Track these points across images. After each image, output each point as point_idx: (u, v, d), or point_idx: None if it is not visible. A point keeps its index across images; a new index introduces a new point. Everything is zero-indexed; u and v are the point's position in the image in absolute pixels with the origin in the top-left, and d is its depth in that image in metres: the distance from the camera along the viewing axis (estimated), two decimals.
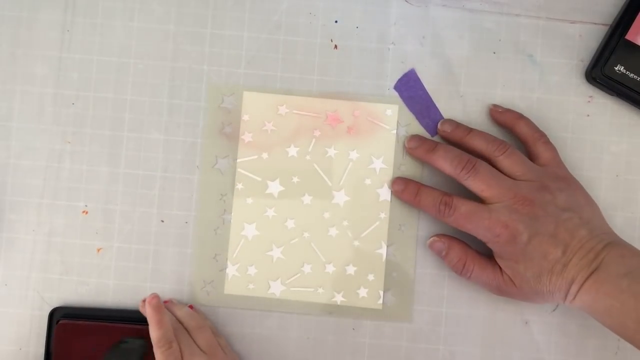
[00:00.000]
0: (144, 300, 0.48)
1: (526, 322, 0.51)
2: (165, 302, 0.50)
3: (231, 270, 0.51)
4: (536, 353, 0.51)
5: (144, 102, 0.52)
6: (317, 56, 0.52)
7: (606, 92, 0.51)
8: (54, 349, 0.50)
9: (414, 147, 0.50)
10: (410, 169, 0.51)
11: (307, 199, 0.51)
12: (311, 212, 0.51)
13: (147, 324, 0.49)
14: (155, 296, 0.47)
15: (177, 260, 0.51)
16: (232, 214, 0.51)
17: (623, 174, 0.51)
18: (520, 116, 0.50)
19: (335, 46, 0.52)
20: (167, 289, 0.51)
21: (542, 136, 0.48)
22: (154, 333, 0.46)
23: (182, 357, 0.45)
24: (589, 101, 0.52)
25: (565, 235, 0.44)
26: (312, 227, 0.51)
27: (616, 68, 0.50)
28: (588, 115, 0.52)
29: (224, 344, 0.49)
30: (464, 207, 0.46)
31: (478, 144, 0.48)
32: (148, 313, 0.47)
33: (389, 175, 0.51)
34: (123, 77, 0.52)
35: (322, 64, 0.52)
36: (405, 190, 0.49)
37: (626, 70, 0.50)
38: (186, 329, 0.48)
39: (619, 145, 0.52)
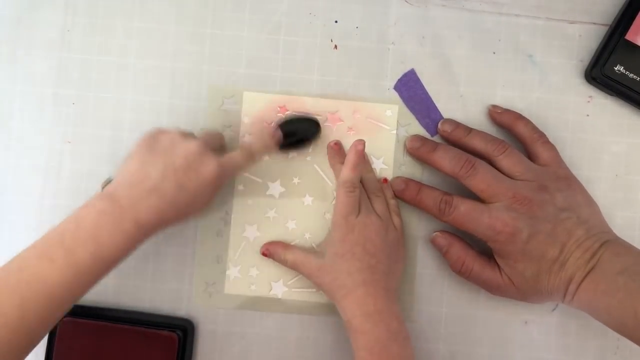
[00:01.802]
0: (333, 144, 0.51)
1: (526, 322, 0.51)
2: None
3: (233, 272, 0.51)
4: (536, 352, 0.51)
5: (144, 102, 0.52)
6: (317, 56, 0.52)
7: (606, 92, 0.51)
8: (56, 347, 0.50)
9: (415, 147, 0.50)
10: (411, 169, 0.51)
11: (308, 199, 0.52)
12: (312, 213, 0.51)
13: (149, 327, 0.49)
14: (363, 142, 0.48)
15: (177, 260, 0.51)
16: (233, 215, 0.51)
17: (623, 174, 0.52)
18: (520, 116, 0.50)
19: (335, 46, 0.52)
20: (167, 289, 0.51)
21: (542, 136, 0.48)
22: (346, 173, 0.47)
23: (359, 209, 0.47)
24: (588, 101, 0.52)
25: (562, 234, 0.44)
26: (313, 228, 0.51)
27: (616, 68, 0.50)
28: (588, 115, 0.52)
29: (396, 210, 0.50)
30: (463, 206, 0.46)
31: (478, 144, 0.48)
32: (349, 154, 0.48)
33: (389, 175, 0.51)
34: (123, 77, 0.52)
35: (322, 64, 0.52)
36: (406, 189, 0.50)
37: (626, 70, 0.50)
38: (366, 192, 0.50)
39: (619, 145, 0.52)
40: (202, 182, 0.43)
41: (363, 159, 0.49)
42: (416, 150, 0.50)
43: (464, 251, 0.48)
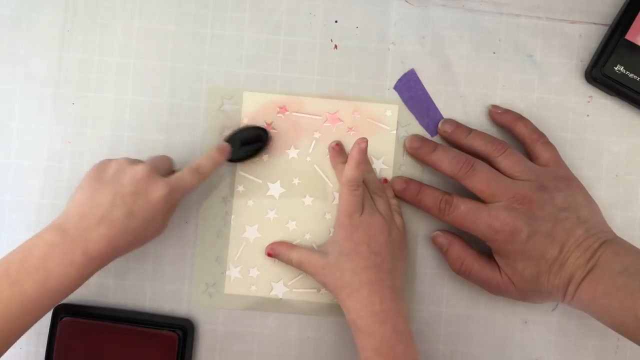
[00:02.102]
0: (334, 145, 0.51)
1: (526, 322, 0.51)
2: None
3: (233, 273, 0.51)
4: (536, 352, 0.51)
5: (144, 102, 0.52)
6: (317, 56, 0.52)
7: (606, 92, 0.51)
8: (56, 347, 0.50)
9: (414, 147, 0.50)
10: (411, 169, 0.51)
11: (308, 200, 0.52)
12: (312, 213, 0.51)
13: (149, 327, 0.50)
14: (366, 140, 0.48)
15: (177, 260, 0.51)
16: (233, 216, 0.51)
17: (623, 174, 0.52)
18: (520, 117, 0.50)
19: (335, 46, 0.52)
20: (167, 289, 0.51)
21: (541, 137, 0.49)
22: (349, 172, 0.47)
23: (362, 208, 0.47)
24: (588, 101, 0.52)
25: (562, 234, 0.44)
26: (313, 228, 0.51)
27: (616, 68, 0.50)
28: (588, 115, 0.52)
29: (398, 210, 0.50)
30: (463, 205, 0.46)
31: (478, 145, 0.48)
32: (353, 152, 0.48)
33: (389, 175, 0.51)
34: (123, 77, 0.52)
35: (322, 64, 0.52)
36: (407, 189, 0.50)
37: (626, 70, 0.50)
38: (368, 191, 0.50)
39: (619, 145, 0.52)
40: (152, 205, 0.43)
41: (365, 157, 0.49)
42: (415, 150, 0.50)
43: (464, 251, 0.48)
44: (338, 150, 0.51)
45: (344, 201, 0.47)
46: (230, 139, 0.50)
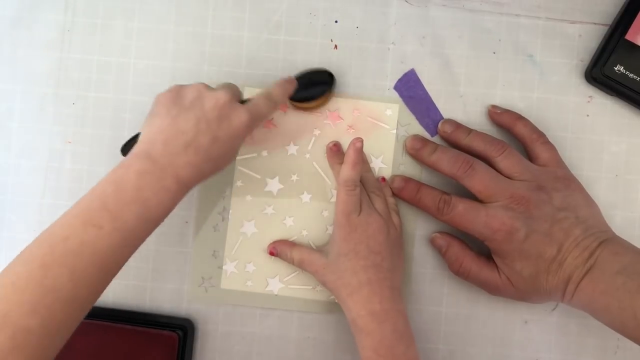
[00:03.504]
0: (334, 145, 0.51)
1: (526, 322, 0.51)
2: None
3: (229, 267, 0.51)
4: (536, 352, 0.51)
5: (144, 102, 0.52)
6: (317, 56, 0.52)
7: (606, 92, 0.51)
8: None
9: (415, 148, 0.50)
10: (410, 168, 0.52)
11: (306, 197, 0.52)
12: (310, 210, 0.51)
13: (149, 327, 0.50)
14: (361, 140, 0.48)
15: (177, 260, 0.51)
16: (231, 211, 0.51)
17: (623, 174, 0.52)
18: (519, 117, 0.50)
19: (336, 46, 0.52)
20: (167, 289, 0.51)
21: (541, 136, 0.49)
22: (346, 172, 0.48)
23: (360, 207, 0.47)
24: (588, 101, 0.52)
25: (560, 234, 0.44)
26: (311, 225, 0.51)
27: (616, 68, 0.50)
28: (588, 115, 0.52)
29: (395, 209, 0.51)
30: (462, 205, 0.46)
31: (477, 145, 0.48)
32: (349, 152, 0.48)
33: (388, 175, 0.51)
34: (123, 77, 0.52)
35: (322, 64, 0.52)
36: (405, 188, 0.50)
37: (626, 70, 0.50)
38: (366, 190, 0.50)
39: (618, 145, 0.52)
40: (235, 132, 0.43)
41: (362, 157, 0.49)
42: (416, 151, 0.50)
43: (463, 252, 0.48)
44: (335, 151, 0.51)
45: (342, 201, 0.47)
46: (297, 78, 0.50)
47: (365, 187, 0.50)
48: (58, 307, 0.36)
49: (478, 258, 0.48)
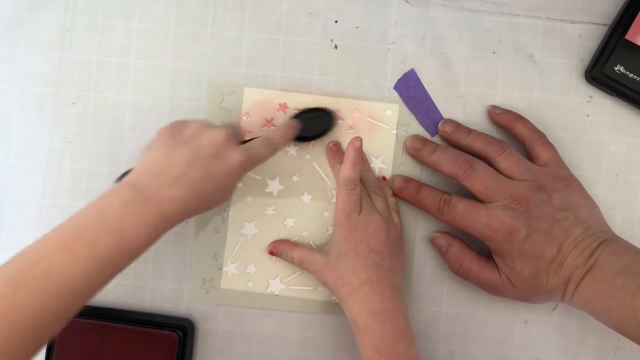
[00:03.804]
0: (333, 145, 0.51)
1: (526, 322, 0.51)
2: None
3: (230, 269, 0.51)
4: (536, 352, 0.51)
5: (144, 102, 0.52)
6: (317, 56, 0.52)
7: (606, 92, 0.51)
8: (56, 347, 0.50)
9: (415, 148, 0.50)
10: (410, 168, 0.51)
11: (306, 198, 0.52)
12: (311, 211, 0.51)
13: (149, 327, 0.50)
14: (361, 139, 0.49)
15: (177, 260, 0.51)
16: (232, 212, 0.51)
17: (622, 174, 0.52)
18: (519, 117, 0.50)
19: (335, 46, 0.52)
20: (167, 289, 0.51)
21: (541, 136, 0.49)
22: (345, 171, 0.48)
23: (360, 207, 0.47)
24: (588, 101, 0.52)
25: (560, 234, 0.44)
26: (311, 226, 0.51)
27: (616, 68, 0.50)
28: (588, 115, 0.52)
29: (396, 209, 0.51)
30: (462, 205, 0.46)
31: (477, 145, 0.48)
32: (348, 152, 0.48)
33: (388, 175, 0.51)
34: (123, 77, 0.52)
35: (322, 64, 0.52)
36: (406, 188, 0.50)
37: (626, 70, 0.50)
38: (366, 190, 0.50)
39: (618, 145, 0.52)
40: (228, 171, 0.43)
41: (362, 156, 0.49)
42: (416, 151, 0.50)
43: (463, 252, 0.48)
44: (335, 151, 0.51)
45: (342, 201, 0.47)
46: (298, 117, 0.50)
47: (365, 186, 0.50)
48: (20, 326, 0.36)
49: (478, 258, 0.48)
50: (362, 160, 0.49)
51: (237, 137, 0.46)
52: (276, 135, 0.47)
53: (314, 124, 0.50)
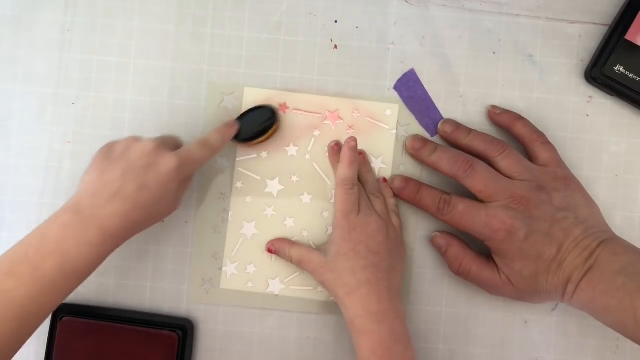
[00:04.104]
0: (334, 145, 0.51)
1: (526, 322, 0.51)
2: (360, 153, 0.51)
3: (230, 269, 0.51)
4: (536, 352, 0.51)
5: (144, 102, 0.52)
6: (317, 56, 0.52)
7: (606, 92, 0.51)
8: (56, 347, 0.50)
9: (415, 148, 0.50)
10: (410, 168, 0.52)
11: (306, 198, 0.52)
12: (310, 211, 0.51)
13: (149, 327, 0.50)
14: (355, 139, 0.49)
15: (177, 260, 0.51)
16: (231, 212, 0.51)
17: (622, 174, 0.52)
18: (518, 117, 0.50)
19: (335, 46, 0.52)
20: (167, 289, 0.51)
21: (541, 136, 0.49)
22: (342, 171, 0.48)
23: (359, 208, 0.48)
24: (588, 101, 0.52)
25: (559, 234, 0.44)
26: (311, 226, 0.51)
27: (616, 68, 0.50)
28: (588, 115, 0.52)
29: (395, 210, 0.51)
30: (462, 204, 0.46)
31: (477, 145, 0.48)
32: (344, 151, 0.49)
33: (388, 175, 0.51)
34: (123, 77, 0.52)
35: (322, 64, 0.52)
36: (406, 188, 0.50)
37: (626, 70, 0.50)
38: (365, 192, 0.50)
39: (618, 145, 0.52)
40: (163, 178, 0.43)
41: (357, 155, 0.49)
42: (416, 151, 0.50)
43: (463, 251, 0.48)
44: (337, 150, 0.51)
45: (340, 201, 0.47)
46: (239, 118, 0.50)
47: (365, 188, 0.50)
48: None
49: (478, 258, 0.48)
50: (358, 159, 0.49)
51: (170, 145, 0.46)
52: (213, 136, 0.47)
53: (254, 124, 0.50)
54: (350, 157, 0.48)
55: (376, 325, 0.44)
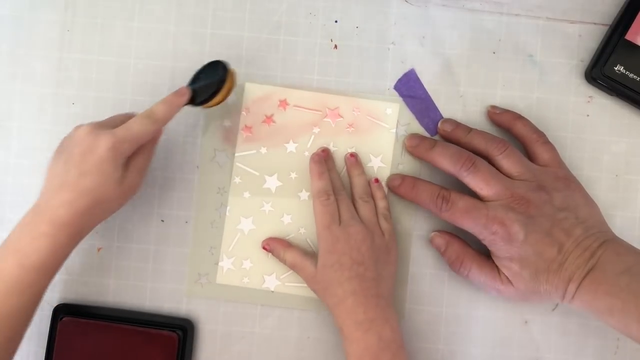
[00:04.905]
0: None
1: (526, 322, 0.51)
2: (352, 155, 0.51)
3: (226, 264, 0.51)
4: (536, 352, 0.51)
5: (144, 102, 0.52)
6: (317, 56, 0.52)
7: (606, 92, 0.51)
8: (56, 347, 0.50)
9: (414, 145, 0.50)
10: (409, 168, 0.51)
11: (304, 195, 0.52)
12: (308, 208, 0.51)
13: (149, 327, 0.50)
14: (323, 151, 0.50)
15: (177, 260, 0.51)
16: (229, 207, 0.51)
17: (623, 174, 0.52)
18: (518, 116, 0.50)
19: (335, 46, 0.52)
20: (167, 289, 0.51)
21: (541, 136, 0.48)
22: (313, 184, 0.49)
23: (339, 216, 0.48)
24: (588, 101, 0.52)
25: (560, 234, 0.44)
26: (308, 223, 0.51)
27: (616, 68, 0.50)
28: (588, 115, 0.52)
29: (386, 214, 0.50)
30: (461, 202, 0.46)
31: (478, 143, 0.48)
32: (310, 165, 0.49)
33: (387, 174, 0.51)
34: (123, 77, 0.52)
35: (322, 63, 0.52)
36: (402, 184, 0.49)
37: (626, 70, 0.50)
38: (353, 197, 0.50)
39: (618, 145, 0.52)
40: (99, 158, 0.42)
41: (324, 164, 0.50)
42: (414, 148, 0.50)
43: (463, 250, 0.48)
44: (324, 157, 0.50)
45: (318, 214, 0.48)
46: (191, 83, 0.48)
47: (353, 192, 0.50)
48: None
49: (479, 258, 0.48)
50: (326, 168, 0.50)
51: (113, 125, 0.45)
52: (158, 108, 0.45)
53: (207, 84, 0.47)
54: (317, 170, 0.49)
55: (362, 333, 0.45)
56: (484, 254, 0.48)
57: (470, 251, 0.48)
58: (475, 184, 0.46)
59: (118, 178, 0.43)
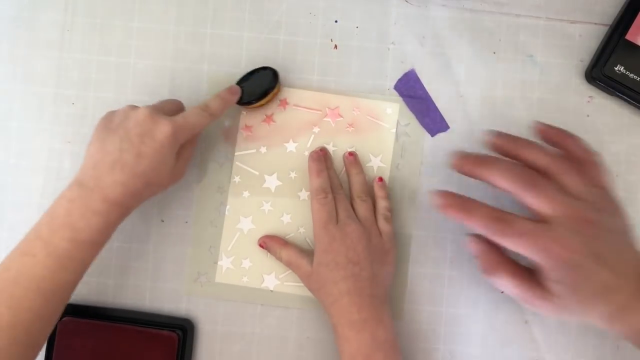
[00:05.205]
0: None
1: (526, 322, 0.51)
2: (351, 154, 0.51)
3: (225, 263, 0.51)
4: (536, 352, 0.51)
5: (144, 102, 0.52)
6: (317, 56, 0.52)
7: (606, 92, 0.51)
8: (56, 347, 0.50)
9: (460, 163, 0.43)
10: (408, 168, 0.51)
11: (303, 194, 0.52)
12: (307, 207, 0.51)
13: (149, 327, 0.50)
14: (320, 150, 0.50)
15: (177, 260, 0.51)
16: (228, 206, 0.51)
17: (623, 174, 0.52)
18: (570, 135, 0.45)
19: (335, 46, 0.52)
20: (167, 289, 0.51)
21: (594, 155, 0.44)
22: (312, 182, 0.49)
23: (337, 215, 0.48)
24: (588, 101, 0.52)
25: (614, 258, 0.40)
26: (308, 222, 0.51)
27: (616, 68, 0.50)
28: (588, 115, 0.52)
29: (386, 214, 0.49)
30: (520, 224, 0.40)
31: (535, 158, 0.43)
32: (309, 163, 0.50)
33: (386, 174, 0.51)
34: (123, 77, 0.52)
35: (322, 63, 0.52)
36: (453, 205, 0.42)
37: (626, 70, 0.50)
38: (351, 196, 0.50)
39: (618, 145, 0.52)
40: (159, 144, 0.43)
41: (322, 162, 0.50)
42: (462, 166, 0.43)
43: (498, 260, 0.43)
44: (321, 156, 0.50)
45: (316, 212, 0.48)
46: (240, 82, 0.51)
47: (351, 191, 0.50)
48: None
49: (516, 268, 0.43)
50: (325, 166, 0.49)
51: (168, 110, 0.46)
52: (213, 102, 0.47)
53: (255, 86, 0.50)
54: (315, 167, 0.49)
55: (355, 333, 0.44)
56: (521, 264, 0.43)
57: (507, 261, 0.43)
58: (539, 204, 0.40)
59: (171, 164, 0.45)
